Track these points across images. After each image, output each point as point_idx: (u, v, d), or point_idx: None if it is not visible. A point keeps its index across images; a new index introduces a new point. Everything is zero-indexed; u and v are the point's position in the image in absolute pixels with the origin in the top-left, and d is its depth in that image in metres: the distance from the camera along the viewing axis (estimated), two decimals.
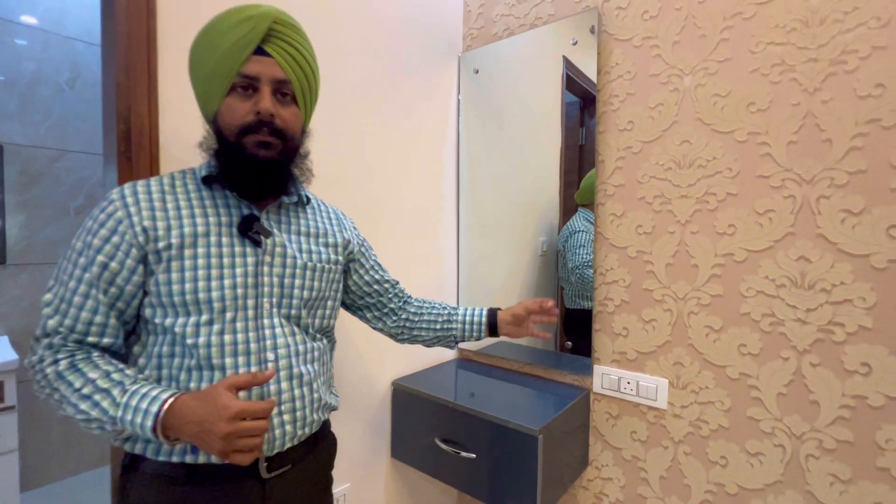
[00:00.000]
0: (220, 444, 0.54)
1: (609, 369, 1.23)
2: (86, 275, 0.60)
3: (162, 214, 0.63)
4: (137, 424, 0.55)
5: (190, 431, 0.55)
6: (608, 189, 1.23)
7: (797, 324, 0.96)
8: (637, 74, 1.17)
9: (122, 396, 0.57)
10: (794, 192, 0.96)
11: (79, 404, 0.56)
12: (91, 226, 0.62)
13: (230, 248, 0.66)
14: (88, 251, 0.60)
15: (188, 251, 0.63)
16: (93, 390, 0.57)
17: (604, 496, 1.27)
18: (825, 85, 0.92)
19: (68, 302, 0.59)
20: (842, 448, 0.92)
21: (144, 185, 0.65)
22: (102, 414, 0.56)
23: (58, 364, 0.58)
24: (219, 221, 0.66)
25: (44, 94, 1.97)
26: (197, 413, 0.55)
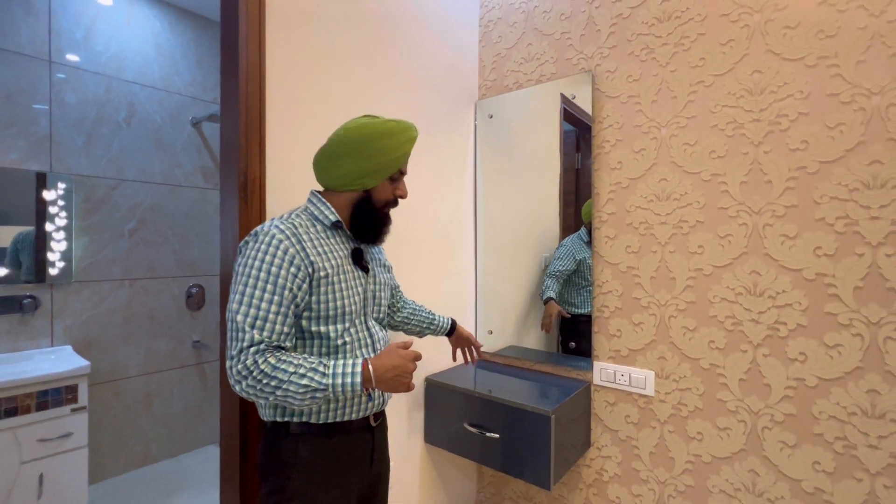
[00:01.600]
0: (408, 379, 0.85)
1: (606, 364, 1.49)
2: (275, 297, 0.79)
3: (315, 252, 0.86)
4: (348, 384, 0.79)
5: (386, 377, 0.83)
6: (603, 216, 1.51)
7: (752, 323, 1.23)
8: (624, 125, 1.46)
9: (328, 370, 0.80)
10: (747, 221, 1.24)
11: (299, 381, 0.77)
12: (266, 259, 0.80)
13: (352, 273, 0.93)
14: (274, 280, 0.80)
15: (335, 278, 0.88)
16: (305, 370, 0.78)
17: (604, 472, 1.51)
18: (766, 139, 1.21)
19: (264, 319, 0.78)
20: (788, 420, 1.18)
21: (292, 227, 0.85)
22: (318, 384, 0.78)
23: (268, 361, 0.77)
24: (345, 255, 0.92)
25: (105, 132, 2.24)
26: (389, 363, 0.84)
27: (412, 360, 0.87)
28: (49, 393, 1.78)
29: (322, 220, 0.92)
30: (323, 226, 0.92)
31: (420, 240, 1.58)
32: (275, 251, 0.81)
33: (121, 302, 2.29)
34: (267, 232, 0.83)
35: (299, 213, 0.92)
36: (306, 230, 0.88)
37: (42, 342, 2.05)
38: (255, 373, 0.76)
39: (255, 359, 0.76)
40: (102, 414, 2.22)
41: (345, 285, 0.90)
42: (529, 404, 1.31)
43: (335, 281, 0.88)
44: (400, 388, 0.85)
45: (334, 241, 0.92)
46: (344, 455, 0.91)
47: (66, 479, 1.80)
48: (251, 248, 0.83)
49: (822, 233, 1.13)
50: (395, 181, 0.97)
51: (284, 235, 0.83)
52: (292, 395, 0.77)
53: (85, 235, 2.18)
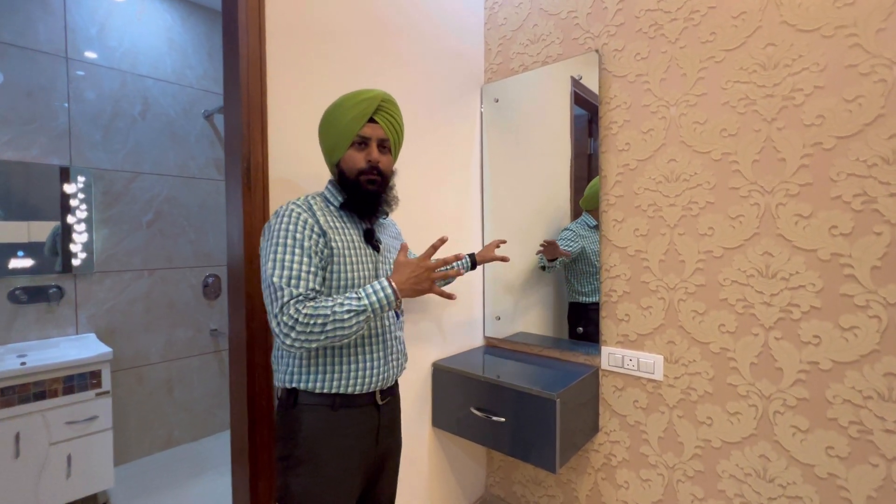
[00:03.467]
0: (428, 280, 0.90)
1: (614, 349, 1.48)
2: (304, 258, 0.86)
3: (328, 226, 0.93)
4: (383, 297, 0.86)
5: (409, 283, 0.89)
6: (610, 199, 1.48)
7: (764, 306, 1.20)
8: (632, 105, 1.42)
9: (361, 294, 0.86)
10: (759, 201, 1.20)
11: (341, 310, 0.82)
12: (290, 228, 0.88)
13: (364, 250, 0.98)
14: (300, 242, 0.87)
15: (345, 251, 0.93)
16: (343, 300, 0.84)
17: (612, 456, 1.51)
18: (779, 115, 1.16)
19: (297, 277, 0.84)
20: (801, 405, 1.15)
21: (307, 203, 0.93)
22: (359, 306, 0.84)
23: (308, 306, 0.83)
24: (357, 233, 0.98)
25: (121, 126, 2.30)
26: (406, 272, 0.90)
27: (427, 259, 0.91)
28: (75, 378, 1.85)
29: (333, 201, 0.98)
30: (334, 206, 0.98)
31: (425, 227, 1.58)
32: (296, 220, 0.89)
33: (141, 291, 2.36)
34: (286, 209, 0.91)
35: (314, 196, 0.98)
36: (321, 207, 0.95)
37: (68, 330, 2.14)
38: (300, 318, 0.81)
39: (297, 307, 0.82)
40: (127, 399, 2.31)
41: (355, 260, 0.95)
42: (535, 388, 1.31)
43: (345, 254, 0.93)
44: (426, 287, 0.90)
45: (347, 221, 0.98)
46: (347, 427, 0.94)
47: (92, 459, 1.88)
48: (275, 224, 0.89)
49: (838, 211, 1.09)
50: (361, 147, 0.96)
51: (301, 209, 0.91)
52: (341, 325, 0.82)
53: (105, 227, 2.25)
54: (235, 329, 1.10)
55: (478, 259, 1.40)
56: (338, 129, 0.95)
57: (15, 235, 1.99)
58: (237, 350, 1.10)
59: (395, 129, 1.00)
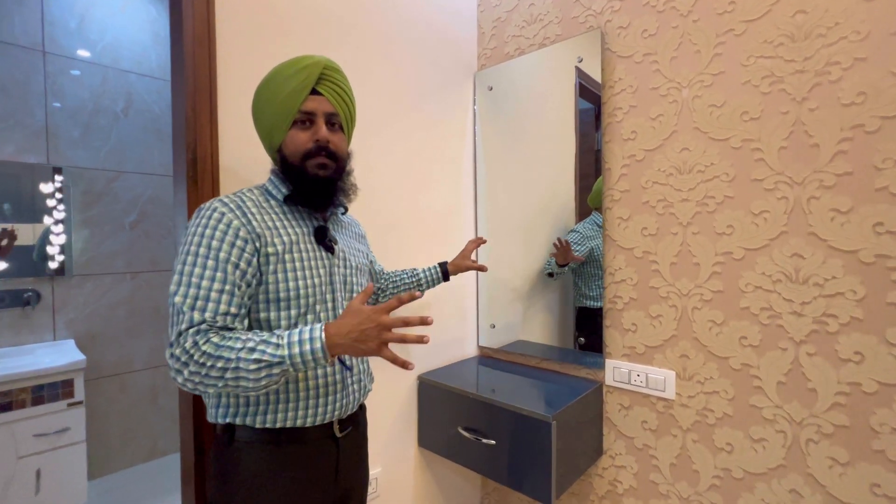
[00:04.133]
0: (375, 340, 0.68)
1: (620, 363, 1.32)
2: (218, 274, 0.69)
3: (264, 225, 0.76)
4: (308, 352, 0.66)
5: (350, 339, 0.68)
6: (615, 195, 1.32)
7: (793, 316, 1.03)
8: (638, 88, 1.26)
9: (282, 340, 0.67)
10: (787, 194, 1.03)
11: (249, 357, 0.65)
12: (206, 233, 0.71)
13: (313, 253, 0.81)
14: (215, 254, 0.70)
15: (287, 256, 0.77)
16: (255, 344, 0.67)
17: (618, 483, 1.34)
18: (812, 94, 1.00)
19: (205, 299, 0.68)
20: (839, 432, 0.98)
21: (239, 200, 0.77)
22: (272, 357, 0.65)
23: (211, 342, 0.66)
24: (302, 232, 0.81)
25: (102, 123, 2.20)
26: (351, 324, 0.69)
27: (381, 314, 0.69)
28: (45, 388, 1.75)
29: (275, 194, 0.83)
30: (277, 201, 0.82)
31: (411, 226, 1.44)
32: (216, 224, 0.72)
33: (124, 295, 2.26)
34: (207, 207, 0.75)
35: (252, 189, 0.83)
36: (256, 203, 0.79)
37: (45, 336, 2.04)
38: (196, 356, 0.65)
39: (195, 339, 0.66)
40: (107, 408, 2.21)
41: (300, 265, 0.79)
42: (528, 408, 1.16)
43: (287, 259, 0.77)
44: (371, 348, 0.69)
45: (292, 218, 0.82)
46: (299, 469, 0.77)
47: (64, 474, 1.77)
48: (191, 225, 0.74)
49: (884, 205, 0.92)
50: (306, 125, 0.80)
51: (227, 208, 0.74)
52: (245, 376, 0.66)
53: (85, 228, 2.15)
54: None
55: (450, 268, 1.25)
56: (274, 106, 0.78)
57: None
58: None
59: (346, 102, 0.84)
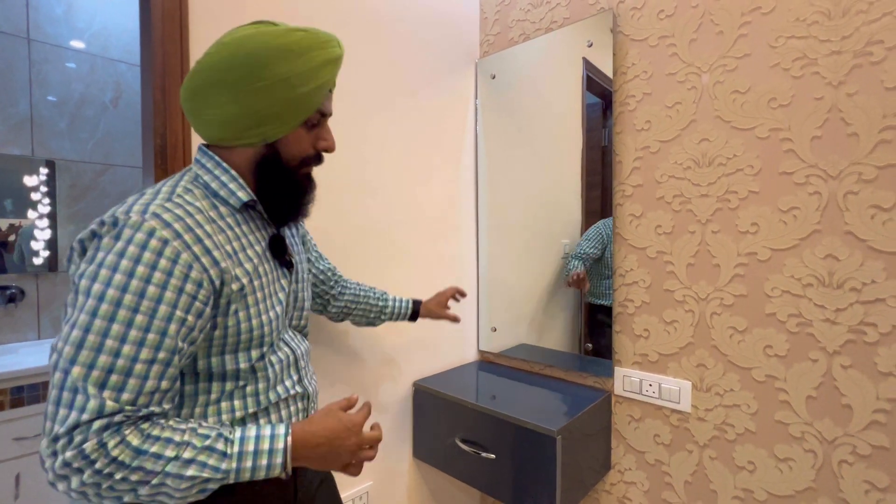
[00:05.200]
0: (346, 457, 0.60)
1: (630, 371, 1.22)
2: (148, 336, 0.49)
3: (225, 252, 0.57)
4: (263, 467, 0.53)
5: (318, 453, 0.58)
6: (626, 190, 1.22)
7: (826, 324, 0.93)
8: (654, 74, 1.16)
9: (231, 447, 0.52)
10: (820, 189, 0.93)
11: (181, 472, 0.49)
12: (144, 272, 0.50)
13: (272, 274, 0.65)
14: (150, 307, 0.50)
15: (249, 288, 0.60)
16: (194, 453, 0.50)
17: (627, 500, 1.25)
18: (850, 78, 0.90)
19: (124, 373, 0.48)
20: (878, 454, 0.88)
21: (185, 214, 0.55)
22: (214, 472, 0.51)
23: (127, 442, 0.48)
24: (261, 251, 0.64)
25: (90, 114, 2.12)
26: (324, 434, 0.58)
27: (359, 433, 0.61)
28: (24, 389, 1.67)
29: (226, 198, 0.61)
30: (229, 208, 0.61)
31: (407, 223, 1.35)
32: (155, 259, 0.50)
33: None
34: (137, 224, 0.51)
35: (188, 187, 0.59)
36: (207, 219, 0.57)
37: (29, 335, 1.97)
38: (99, 463, 0.46)
39: (102, 439, 0.46)
40: None
41: (263, 294, 0.62)
42: (532, 421, 1.07)
43: (251, 291, 0.60)
44: (339, 465, 0.61)
45: (247, 231, 0.63)
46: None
47: (44, 479, 1.70)
48: (107, 251, 0.50)
49: None
50: (314, 127, 0.65)
51: (173, 232, 0.52)
52: (169, 494, 0.50)
53: (71, 223, 2.07)
54: None
55: (422, 311, 1.10)
56: (287, 93, 0.59)
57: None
58: None
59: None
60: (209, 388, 0.59)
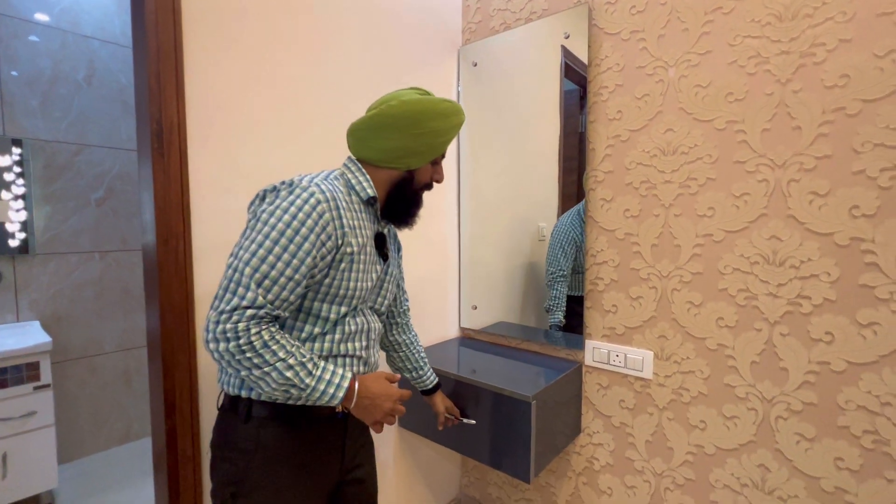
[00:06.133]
0: (380, 415, 0.79)
1: (599, 344, 1.33)
2: (293, 260, 0.70)
3: (349, 224, 0.78)
4: (329, 394, 0.72)
5: (361, 404, 0.77)
6: (598, 175, 1.31)
7: (769, 298, 1.05)
8: (625, 66, 1.24)
9: (316, 370, 0.72)
10: (768, 177, 1.04)
11: (284, 372, 0.69)
12: (302, 218, 0.71)
13: (373, 257, 0.85)
14: (300, 241, 0.70)
15: (357, 257, 0.80)
16: (295, 362, 0.70)
17: (595, 460, 1.37)
18: (796, 76, 0.99)
19: (273, 281, 0.68)
20: (807, 410, 1.01)
21: (333, 190, 0.76)
22: (300, 381, 0.70)
23: (262, 335, 0.68)
24: (369, 236, 0.84)
25: (63, 92, 2.07)
26: (372, 391, 0.78)
27: (396, 400, 0.82)
28: (8, 371, 1.67)
29: (359, 192, 0.84)
30: (358, 198, 0.84)
31: None
32: (310, 210, 0.72)
33: (92, 275, 2.17)
34: (306, 187, 0.74)
35: (336, 177, 0.83)
36: (344, 199, 0.80)
37: (7, 317, 1.95)
38: (242, 340, 0.66)
39: (250, 325, 0.67)
40: (77, 391, 2.13)
41: (363, 267, 0.82)
42: (508, 388, 1.16)
43: (357, 260, 0.80)
44: (372, 420, 0.79)
45: (365, 218, 0.85)
46: (310, 448, 0.81)
47: (32, 458, 1.72)
48: (283, 200, 0.73)
49: (860, 188, 0.93)
50: (435, 164, 0.92)
51: (325, 197, 0.74)
52: (269, 382, 0.70)
53: (47, 204, 2.04)
54: (151, 324, 0.93)
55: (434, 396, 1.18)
56: (432, 140, 0.84)
57: None
58: (153, 349, 0.93)
59: None
60: (303, 327, 0.78)
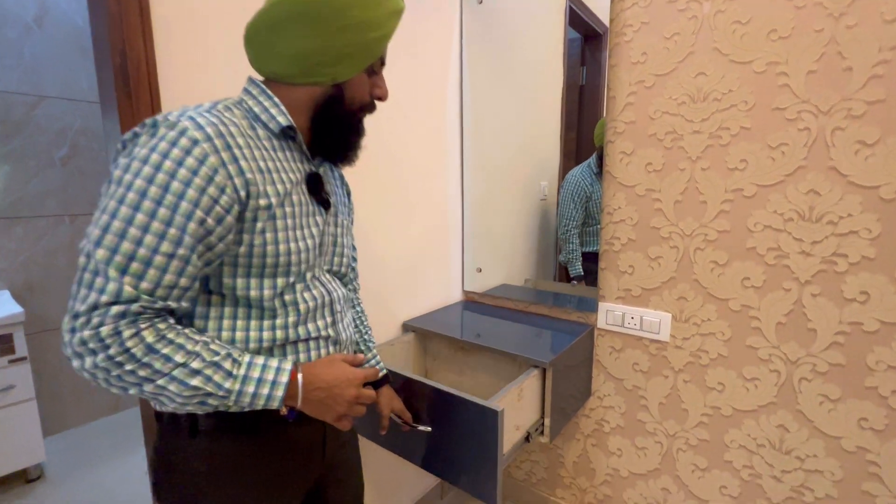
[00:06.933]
0: (343, 408, 0.61)
1: (613, 306, 1.27)
2: (170, 230, 0.49)
3: (255, 166, 0.57)
4: (263, 395, 0.54)
5: (316, 397, 0.59)
6: (618, 126, 1.20)
7: (801, 256, 0.99)
8: (653, 2, 1.11)
9: (238, 369, 0.53)
10: (810, 124, 0.95)
11: (187, 380, 0.50)
12: (170, 168, 0.49)
13: (307, 207, 0.64)
14: (173, 202, 0.49)
15: (279, 210, 0.59)
16: (203, 364, 0.51)
17: (605, 422, 1.35)
18: (851, 9, 0.89)
19: (145, 262, 0.48)
20: (833, 371, 0.98)
21: (220, 123, 0.54)
22: (216, 388, 0.52)
23: (142, 336, 0.49)
24: (296, 179, 0.63)
25: (12, 35, 1.83)
26: (325, 379, 0.59)
27: (358, 385, 0.62)
28: None
29: (266, 122, 0.61)
30: (267, 132, 0.61)
31: (391, 160, 1.29)
32: (181, 156, 0.50)
33: (63, 241, 2.02)
34: (174, 124, 0.51)
35: (230, 107, 0.60)
36: (242, 133, 0.57)
37: None
38: (113, 350, 0.47)
39: (120, 327, 0.47)
40: (58, 363, 2.03)
41: (293, 222, 0.61)
42: (522, 353, 1.10)
43: (280, 215, 0.59)
44: (333, 415, 0.61)
45: (283, 158, 0.62)
46: (283, 452, 0.64)
47: (14, 432, 1.64)
48: (143, 147, 0.51)
49: None
50: (373, 75, 0.68)
51: (204, 134, 0.52)
52: (170, 396, 0.51)
53: (5, 164, 1.85)
54: None
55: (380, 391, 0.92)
56: (361, 36, 0.61)
57: None
58: None
59: None
60: (235, 313, 0.59)
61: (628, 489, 1.34)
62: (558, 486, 1.50)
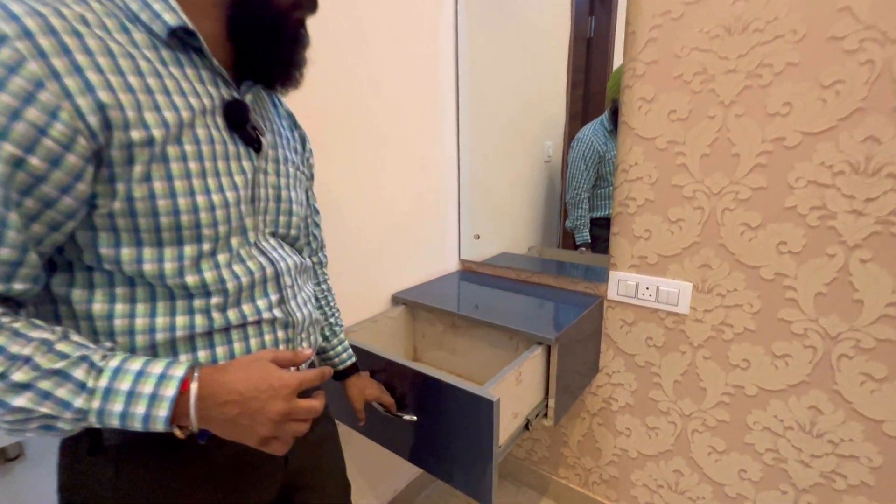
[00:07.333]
0: (265, 429, 0.42)
1: (626, 275, 1.14)
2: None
3: (121, 82, 0.38)
4: (139, 417, 0.37)
5: (224, 414, 0.41)
6: (638, 68, 1.04)
7: (852, 216, 0.85)
8: None
9: (95, 378, 0.37)
10: (874, 56, 0.79)
11: (7, 400, 0.35)
12: None
13: (222, 146, 0.46)
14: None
15: (171, 149, 0.41)
16: (32, 374, 0.35)
17: (613, 401, 1.25)
18: None
19: None
20: (881, 347, 0.86)
21: (57, 18, 0.36)
22: (61, 408, 0.36)
23: None
24: (203, 107, 0.45)
25: None
26: (239, 389, 0.41)
27: (288, 396, 0.43)
28: None
29: (148, 22, 0.41)
30: (150, 37, 0.42)
31: (380, 118, 1.12)
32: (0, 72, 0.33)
33: None
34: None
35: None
36: (100, 34, 0.38)
37: None
38: None
39: None
40: None
41: (200, 167, 0.44)
42: (523, 328, 0.98)
43: (175, 155, 0.42)
44: (250, 439, 0.43)
45: (179, 76, 0.44)
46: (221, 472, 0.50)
47: None
48: None
49: None
50: None
51: (18, 29, 0.33)
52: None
53: None
54: None
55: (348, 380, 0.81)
56: None
57: None
58: None
59: None
60: (132, 295, 0.43)
61: (637, 470, 1.25)
62: (561, 466, 1.41)
